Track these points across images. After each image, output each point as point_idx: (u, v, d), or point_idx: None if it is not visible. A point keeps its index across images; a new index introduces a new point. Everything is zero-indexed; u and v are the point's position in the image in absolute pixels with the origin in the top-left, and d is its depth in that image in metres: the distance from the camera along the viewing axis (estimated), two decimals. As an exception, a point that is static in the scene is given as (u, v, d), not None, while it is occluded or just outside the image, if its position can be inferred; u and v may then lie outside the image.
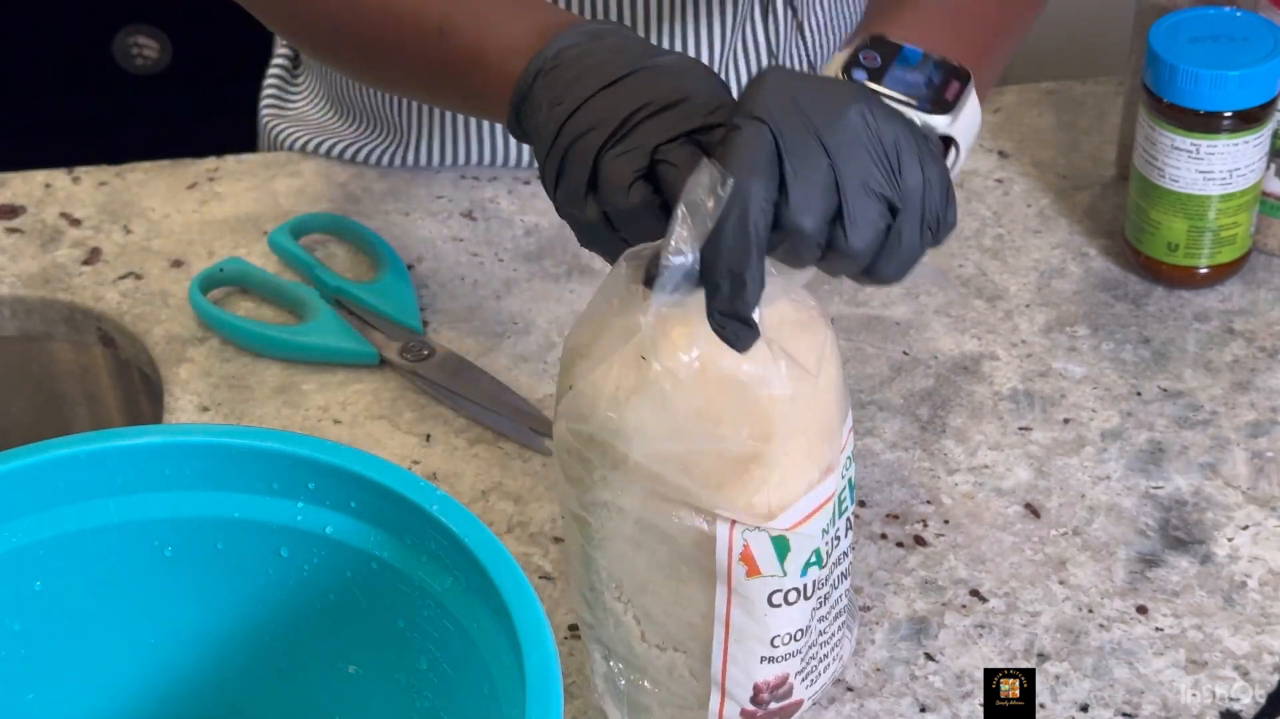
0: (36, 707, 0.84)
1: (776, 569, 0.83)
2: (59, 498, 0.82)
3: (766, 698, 0.87)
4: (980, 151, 1.25)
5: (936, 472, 1.04)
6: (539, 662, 0.73)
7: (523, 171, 1.24)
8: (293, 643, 0.85)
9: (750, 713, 0.88)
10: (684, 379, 0.81)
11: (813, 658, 0.88)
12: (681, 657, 0.86)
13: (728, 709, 0.87)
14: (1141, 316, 1.13)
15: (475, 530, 0.78)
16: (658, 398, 0.81)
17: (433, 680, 0.81)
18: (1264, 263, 1.16)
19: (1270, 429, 1.05)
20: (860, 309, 1.13)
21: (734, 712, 0.87)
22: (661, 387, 0.81)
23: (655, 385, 0.81)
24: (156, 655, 0.85)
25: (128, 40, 1.99)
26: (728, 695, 0.87)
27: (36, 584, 0.82)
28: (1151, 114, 1.10)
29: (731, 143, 0.79)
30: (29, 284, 1.18)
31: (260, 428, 1.01)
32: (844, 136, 0.80)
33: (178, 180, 1.25)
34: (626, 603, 0.86)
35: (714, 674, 0.86)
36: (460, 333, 1.12)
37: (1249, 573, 0.98)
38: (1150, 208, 1.12)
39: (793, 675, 0.87)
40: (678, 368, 0.81)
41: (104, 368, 1.20)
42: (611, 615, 0.87)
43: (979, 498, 1.02)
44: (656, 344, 0.81)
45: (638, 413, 0.81)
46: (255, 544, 0.83)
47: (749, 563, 0.83)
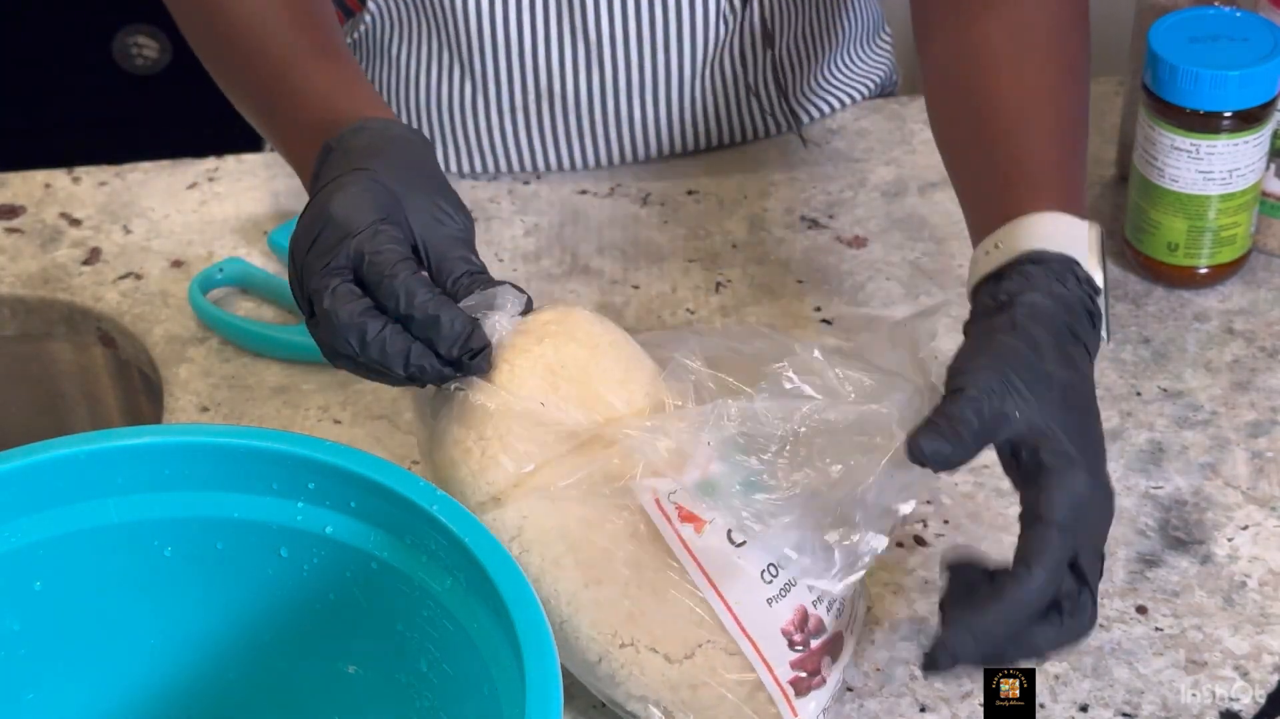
0: (36, 707, 0.84)
1: (715, 506, 0.83)
2: (59, 498, 0.82)
3: (800, 639, 0.87)
4: (980, 151, 1.25)
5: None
6: (539, 662, 0.73)
7: (523, 172, 1.24)
8: (293, 643, 0.85)
9: (799, 662, 0.87)
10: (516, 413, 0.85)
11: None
12: (706, 651, 0.86)
13: (779, 672, 0.87)
14: (1141, 316, 1.13)
15: (475, 530, 0.78)
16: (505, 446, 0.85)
17: (432, 680, 0.81)
18: (1264, 263, 1.16)
19: (1270, 429, 1.05)
20: (860, 309, 1.13)
21: (785, 673, 0.87)
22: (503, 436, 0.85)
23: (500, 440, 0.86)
24: (156, 655, 0.85)
25: (128, 40, 1.98)
26: (767, 659, 0.87)
27: (36, 584, 0.83)
28: (1151, 114, 1.10)
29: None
30: (29, 284, 1.18)
31: (260, 428, 1.01)
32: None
33: (178, 180, 1.25)
34: (633, 641, 0.86)
35: (742, 647, 0.86)
36: (460, 333, 1.12)
37: (1249, 573, 0.98)
38: (1150, 208, 1.12)
39: (810, 606, 0.87)
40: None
41: (104, 368, 1.20)
42: (631, 664, 0.87)
43: (979, 498, 1.02)
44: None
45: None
46: (255, 544, 0.83)
47: (690, 519, 0.84)
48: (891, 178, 1.23)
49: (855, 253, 1.17)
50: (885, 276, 1.16)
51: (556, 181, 1.23)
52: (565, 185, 1.23)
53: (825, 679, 0.88)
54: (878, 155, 1.25)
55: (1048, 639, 0.82)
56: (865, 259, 1.17)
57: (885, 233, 1.19)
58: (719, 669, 0.87)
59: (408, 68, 1.20)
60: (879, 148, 1.24)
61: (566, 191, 1.23)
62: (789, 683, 0.87)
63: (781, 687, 0.87)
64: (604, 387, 0.87)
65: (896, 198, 1.22)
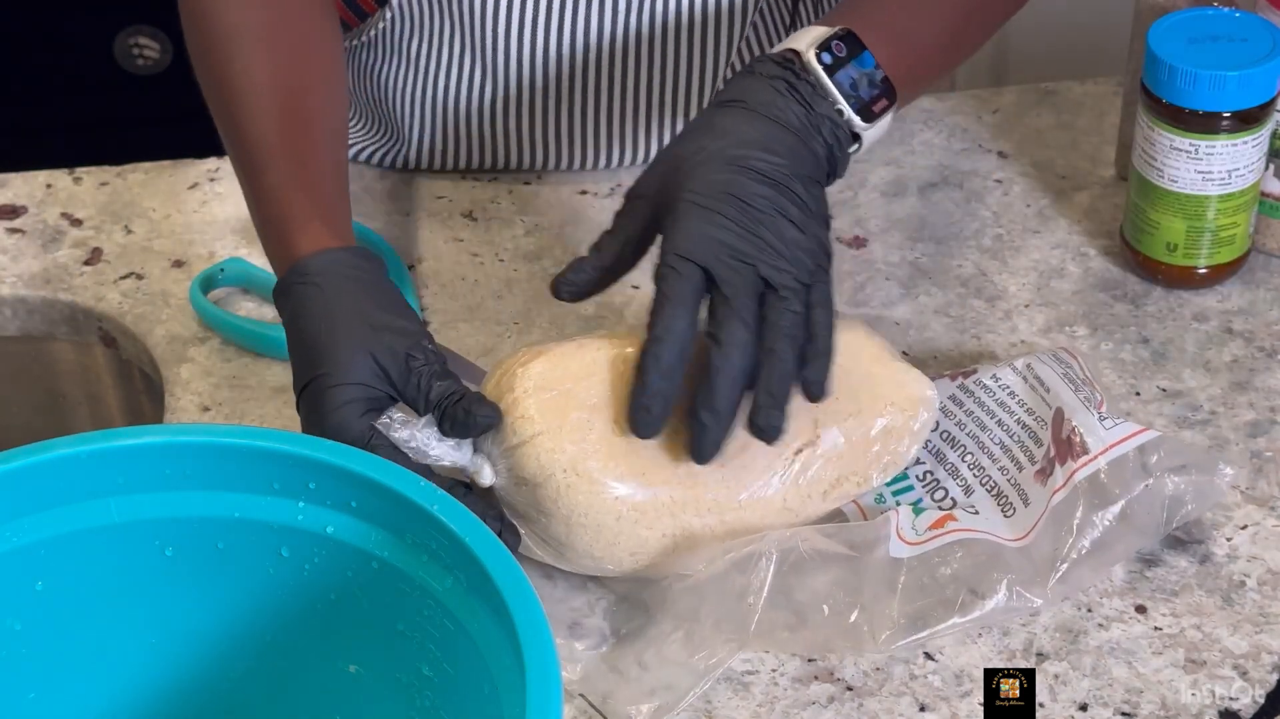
0: (37, 706, 0.84)
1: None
2: (59, 498, 0.82)
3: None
4: (980, 152, 1.25)
5: (936, 471, 1.04)
6: (539, 662, 0.73)
7: (523, 172, 1.24)
8: (293, 643, 0.85)
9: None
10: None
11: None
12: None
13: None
14: (1140, 317, 1.13)
15: (475, 530, 0.78)
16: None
17: (433, 680, 0.81)
18: (1263, 263, 1.16)
19: (1269, 429, 1.06)
20: (860, 309, 1.13)
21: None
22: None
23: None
24: (157, 655, 0.85)
25: (128, 40, 1.98)
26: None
27: (37, 584, 0.83)
28: (1150, 114, 1.10)
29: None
30: (30, 284, 1.18)
31: (261, 428, 1.01)
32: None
33: (179, 181, 1.25)
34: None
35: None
36: (460, 333, 1.12)
37: (1248, 572, 0.98)
38: (1149, 208, 1.12)
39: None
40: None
41: (105, 368, 1.21)
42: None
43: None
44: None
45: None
46: (256, 544, 0.83)
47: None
48: (891, 178, 1.23)
49: (855, 253, 1.18)
50: (885, 277, 1.16)
51: (557, 182, 1.24)
52: (566, 185, 1.23)
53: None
54: (878, 155, 1.25)
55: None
56: (865, 259, 1.17)
57: (885, 233, 1.19)
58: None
59: (425, 66, 1.20)
60: (879, 148, 1.25)
61: (567, 192, 1.23)
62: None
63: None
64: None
65: (896, 198, 1.22)
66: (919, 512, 0.96)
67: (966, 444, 1.00)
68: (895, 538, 0.94)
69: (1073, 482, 0.95)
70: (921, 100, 1.27)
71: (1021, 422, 0.99)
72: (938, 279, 1.16)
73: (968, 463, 0.99)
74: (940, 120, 1.28)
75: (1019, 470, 0.98)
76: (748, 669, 0.93)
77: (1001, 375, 1.01)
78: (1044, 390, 0.99)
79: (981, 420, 1.00)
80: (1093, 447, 0.96)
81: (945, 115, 1.28)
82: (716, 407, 0.91)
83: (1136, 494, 0.96)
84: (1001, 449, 0.99)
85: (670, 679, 0.92)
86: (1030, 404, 0.99)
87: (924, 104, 1.28)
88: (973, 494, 0.98)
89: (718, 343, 0.91)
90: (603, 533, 0.93)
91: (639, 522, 0.93)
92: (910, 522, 0.95)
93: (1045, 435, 0.98)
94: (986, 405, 1.01)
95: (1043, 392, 0.99)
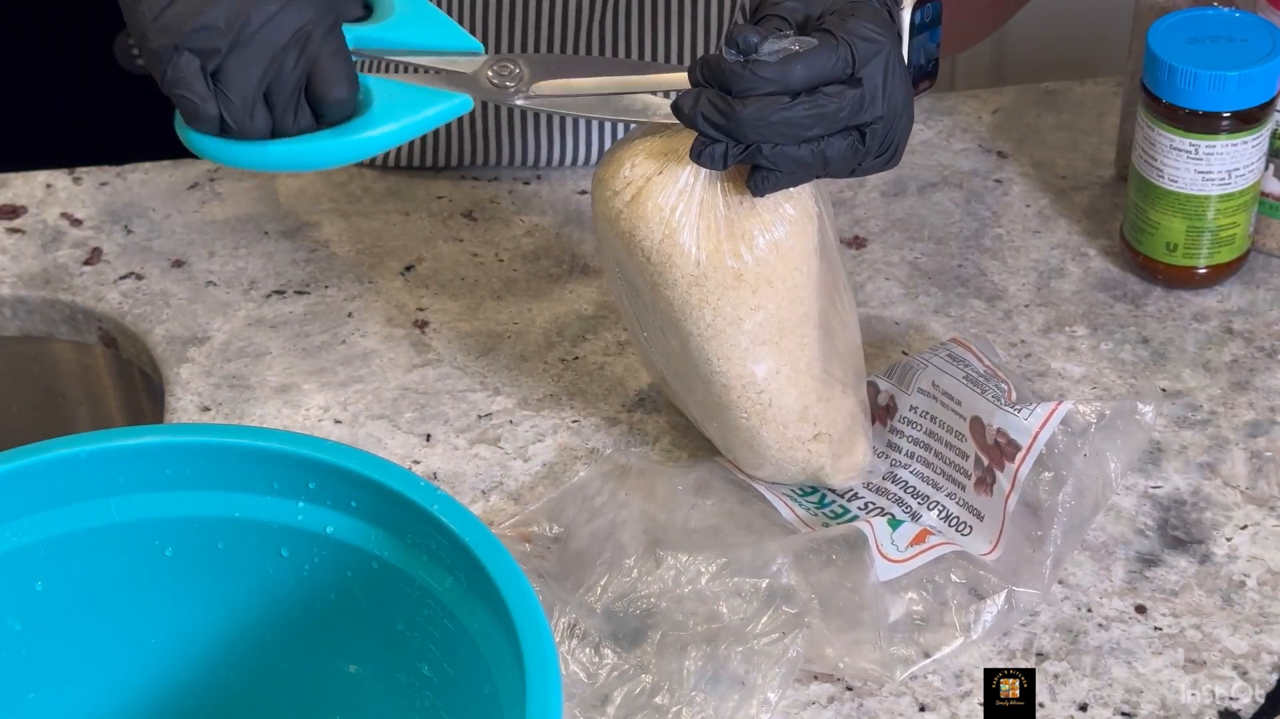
0: (37, 706, 0.84)
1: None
2: (59, 498, 0.82)
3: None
4: (979, 152, 1.25)
5: (936, 471, 1.04)
6: (539, 662, 0.73)
7: (523, 171, 1.24)
8: (293, 643, 0.85)
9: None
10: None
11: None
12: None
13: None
14: (1140, 317, 1.13)
15: (475, 530, 0.78)
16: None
17: (433, 680, 0.82)
18: (1263, 263, 1.16)
19: (1269, 429, 1.06)
20: (860, 309, 1.13)
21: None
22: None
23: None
24: (157, 655, 0.86)
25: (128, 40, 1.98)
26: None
27: (37, 584, 0.83)
28: (1150, 114, 1.10)
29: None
30: (30, 284, 1.18)
31: (261, 428, 1.01)
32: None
33: (179, 181, 1.25)
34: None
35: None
36: (460, 333, 1.13)
37: (1248, 572, 0.98)
38: (1149, 208, 1.12)
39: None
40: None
41: (105, 368, 1.21)
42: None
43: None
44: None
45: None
46: (255, 544, 0.83)
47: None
48: (891, 178, 1.23)
49: (855, 253, 1.18)
50: (885, 277, 1.16)
51: (556, 181, 1.24)
52: (565, 185, 1.23)
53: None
54: (877, 155, 1.25)
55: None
56: (865, 259, 1.17)
57: (885, 233, 1.19)
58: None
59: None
60: (879, 148, 1.24)
61: (566, 191, 1.23)
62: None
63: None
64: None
65: (896, 198, 1.22)
66: (895, 525, 0.96)
67: (909, 480, 1.00)
68: (878, 555, 0.94)
69: (1018, 481, 0.96)
70: (921, 100, 1.27)
71: (949, 444, 1.00)
72: (937, 279, 1.16)
73: (910, 493, 1.00)
74: (940, 120, 1.28)
75: (962, 490, 0.98)
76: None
77: (916, 403, 1.01)
78: (955, 404, 0.99)
79: (913, 453, 1.01)
80: (1021, 441, 0.96)
81: (945, 115, 1.28)
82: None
83: (1080, 466, 0.97)
84: (943, 475, 1.00)
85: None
86: (948, 422, 1.00)
87: (924, 104, 1.28)
88: (921, 520, 0.98)
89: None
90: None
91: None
92: (889, 536, 0.95)
93: (969, 448, 0.98)
94: (917, 439, 1.01)
95: (954, 406, 0.99)
